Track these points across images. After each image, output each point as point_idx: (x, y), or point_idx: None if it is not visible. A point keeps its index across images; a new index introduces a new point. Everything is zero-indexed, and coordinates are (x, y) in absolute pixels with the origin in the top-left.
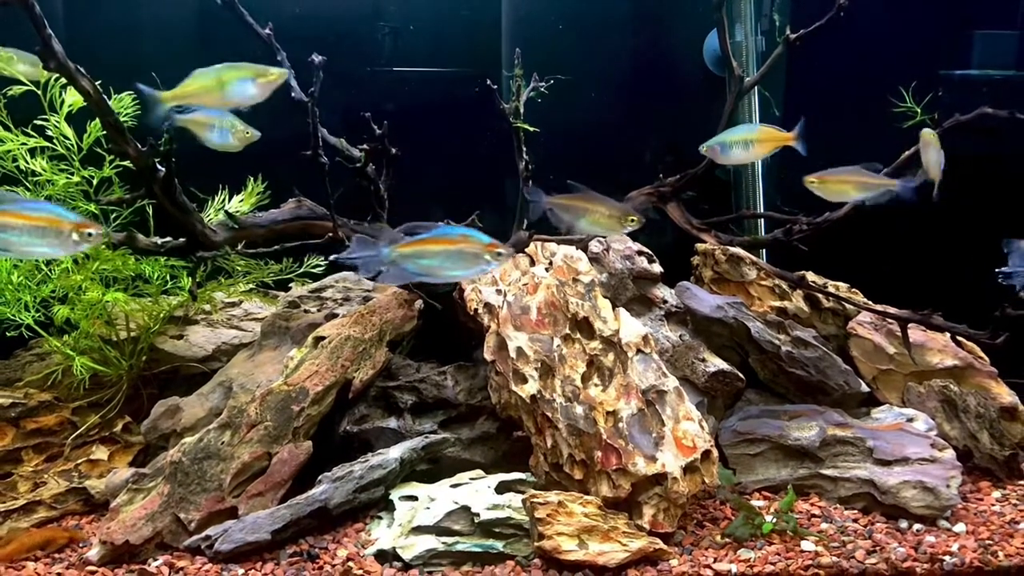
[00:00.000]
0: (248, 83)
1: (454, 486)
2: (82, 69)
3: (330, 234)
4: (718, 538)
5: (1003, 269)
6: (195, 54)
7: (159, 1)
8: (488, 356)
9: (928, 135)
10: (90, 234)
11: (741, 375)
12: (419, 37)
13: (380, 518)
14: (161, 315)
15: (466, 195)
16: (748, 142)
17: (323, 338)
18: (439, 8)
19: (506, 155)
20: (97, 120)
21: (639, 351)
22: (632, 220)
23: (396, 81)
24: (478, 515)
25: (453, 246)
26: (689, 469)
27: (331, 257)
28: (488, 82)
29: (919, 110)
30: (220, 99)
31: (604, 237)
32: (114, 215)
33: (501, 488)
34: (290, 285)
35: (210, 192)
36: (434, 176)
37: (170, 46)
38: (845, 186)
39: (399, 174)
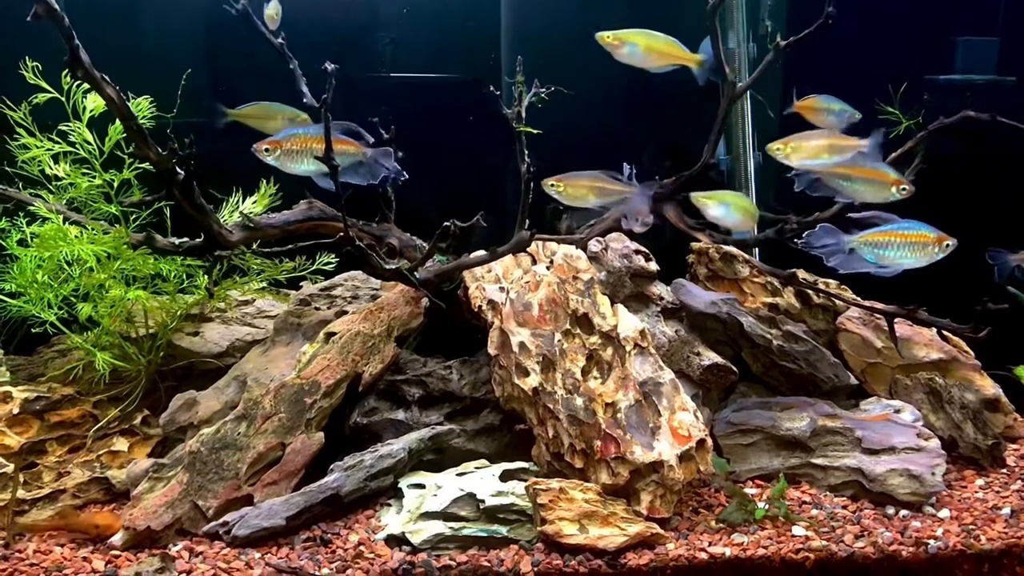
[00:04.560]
0: None
1: (460, 474)
2: (107, 77)
3: (341, 234)
4: (712, 523)
5: None
6: (204, 60)
7: (169, 8)
8: (492, 351)
9: None
10: None
11: (734, 368)
12: (421, 45)
13: (389, 505)
14: (178, 312)
15: (469, 196)
16: None
17: (334, 334)
18: (441, 17)
19: (508, 159)
20: (117, 124)
21: (636, 345)
22: None
23: (400, 87)
24: (483, 502)
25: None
26: (684, 457)
27: (799, 242)
28: (491, 88)
29: (903, 117)
30: None
31: (602, 236)
32: (134, 216)
33: (505, 476)
34: (301, 284)
35: (225, 194)
36: (438, 178)
37: (180, 52)
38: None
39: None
